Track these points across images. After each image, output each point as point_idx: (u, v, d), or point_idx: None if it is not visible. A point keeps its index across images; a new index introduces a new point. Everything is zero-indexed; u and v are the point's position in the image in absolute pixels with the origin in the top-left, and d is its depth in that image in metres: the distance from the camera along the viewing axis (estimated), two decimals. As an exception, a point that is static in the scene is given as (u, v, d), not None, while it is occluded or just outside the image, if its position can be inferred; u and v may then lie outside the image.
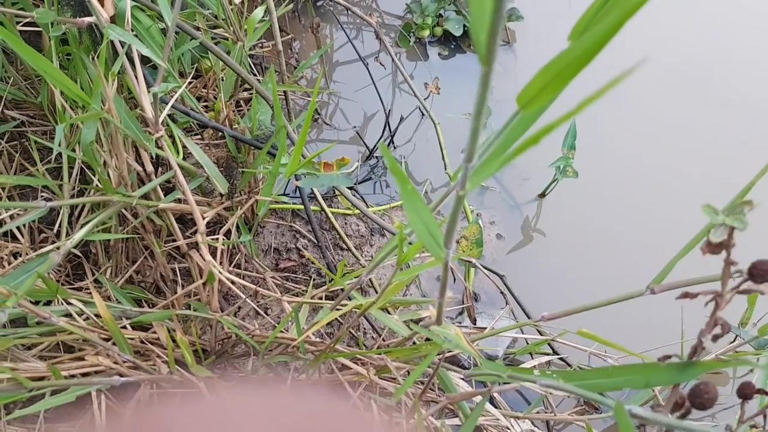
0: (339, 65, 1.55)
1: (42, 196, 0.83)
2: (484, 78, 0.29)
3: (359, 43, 1.59)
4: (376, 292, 1.10)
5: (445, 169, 1.28)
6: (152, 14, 0.80)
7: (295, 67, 1.48)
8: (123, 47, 0.69)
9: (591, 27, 0.36)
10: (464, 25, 1.55)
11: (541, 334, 0.93)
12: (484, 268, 1.06)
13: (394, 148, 1.39)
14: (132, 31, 0.72)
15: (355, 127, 1.42)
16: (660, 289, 0.59)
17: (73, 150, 0.80)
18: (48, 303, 0.71)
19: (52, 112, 0.87)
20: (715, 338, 0.45)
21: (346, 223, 1.19)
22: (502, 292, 1.06)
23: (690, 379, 0.44)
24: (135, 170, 0.81)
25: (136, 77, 0.71)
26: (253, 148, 0.90)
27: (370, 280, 1.08)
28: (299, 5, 1.41)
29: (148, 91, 0.73)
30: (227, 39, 0.93)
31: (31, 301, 0.62)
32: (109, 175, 0.79)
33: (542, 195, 1.30)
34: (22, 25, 0.96)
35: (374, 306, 0.67)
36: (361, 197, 1.28)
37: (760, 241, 0.77)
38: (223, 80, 0.90)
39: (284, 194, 1.20)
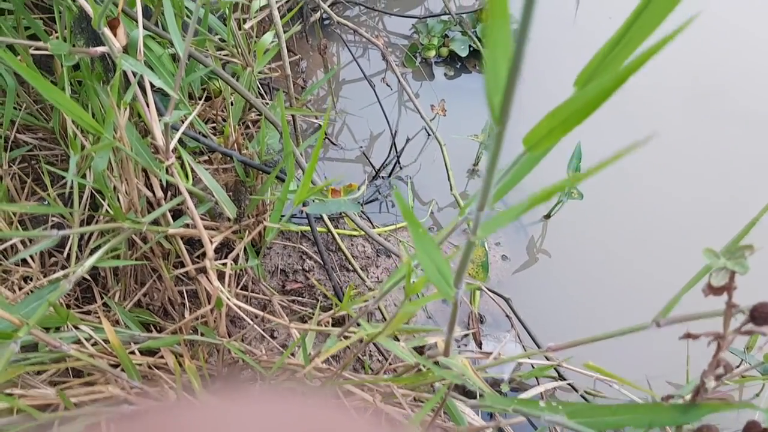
0: (345, 83, 1.57)
1: (53, 221, 0.84)
2: (498, 137, 0.30)
3: (365, 60, 1.61)
4: (383, 315, 1.10)
5: (451, 190, 1.28)
6: (163, 42, 0.81)
7: (303, 87, 1.49)
8: (135, 76, 0.70)
9: (597, 75, 0.37)
10: (470, 46, 1.56)
11: (547, 359, 0.93)
12: (490, 290, 1.06)
13: (400, 168, 1.40)
14: (143, 59, 0.73)
15: (361, 147, 1.44)
16: (666, 323, 0.59)
17: (84, 176, 0.81)
18: (58, 329, 0.71)
19: (63, 136, 0.88)
20: (718, 378, 0.45)
21: (352, 245, 1.19)
22: (507, 316, 1.06)
23: (693, 421, 0.44)
24: (145, 195, 0.82)
25: (147, 105, 0.72)
26: (261, 171, 0.91)
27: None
28: (307, 26, 1.42)
29: (159, 119, 0.74)
30: (236, 63, 0.94)
31: (41, 328, 0.63)
32: (119, 201, 0.80)
33: (547, 216, 1.31)
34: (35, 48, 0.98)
35: (381, 335, 0.67)
36: (367, 218, 1.28)
37: (765, 278, 0.78)
38: (232, 104, 0.91)
39: (292, 216, 1.20)
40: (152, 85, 0.73)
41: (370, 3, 1.73)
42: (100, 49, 0.70)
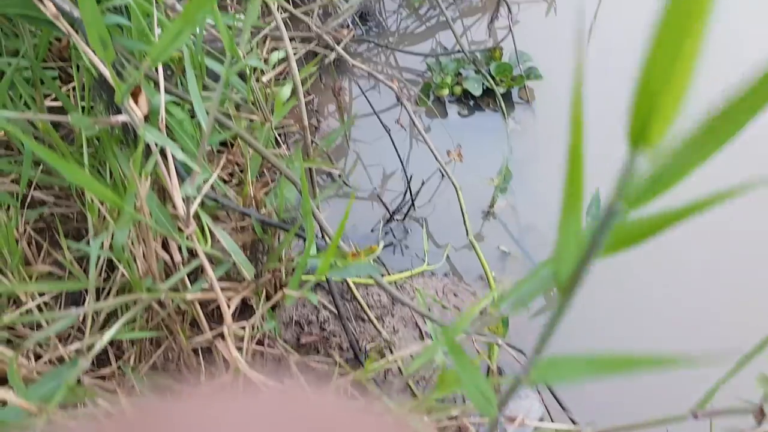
0: (357, 118, 1.56)
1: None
2: (561, 305, 0.28)
3: (376, 93, 1.59)
4: (399, 368, 1.08)
5: (467, 235, 1.27)
6: (184, 104, 0.80)
7: (316, 127, 1.49)
8: (156, 146, 0.69)
9: (648, 196, 0.36)
10: (483, 84, 1.55)
11: (573, 423, 0.91)
12: (509, 345, 1.04)
13: (414, 209, 1.38)
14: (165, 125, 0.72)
15: (375, 188, 1.42)
16: (703, 415, 0.57)
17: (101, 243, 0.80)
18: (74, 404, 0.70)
19: (79, 194, 0.87)
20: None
21: (367, 293, 1.17)
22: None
23: None
24: (162, 259, 0.80)
25: (168, 174, 0.71)
26: (280, 229, 0.89)
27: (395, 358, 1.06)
28: (321, 67, 1.41)
29: (180, 185, 0.73)
30: (254, 119, 0.93)
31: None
32: (136, 264, 0.78)
33: (565, 262, 1.29)
34: (52, 99, 0.97)
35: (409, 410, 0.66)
36: (382, 263, 1.27)
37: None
38: (251, 159, 0.90)
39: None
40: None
41: (382, 35, 1.73)
42: (121, 118, 0.69)
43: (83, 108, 0.87)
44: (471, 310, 0.60)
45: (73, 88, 0.95)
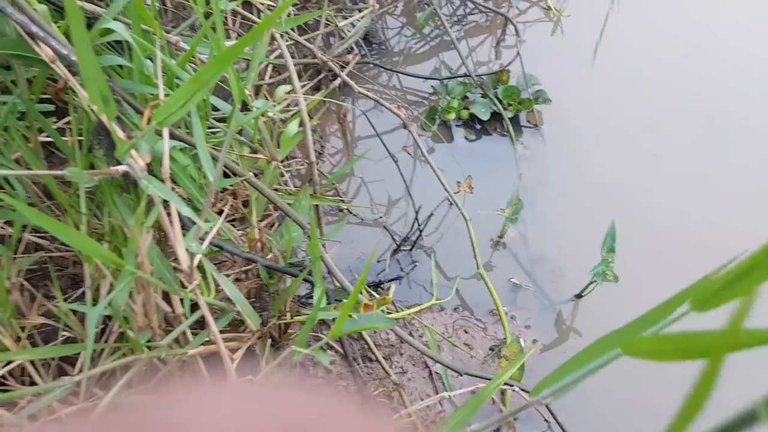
0: (360, 139, 1.51)
1: (63, 336, 0.78)
2: None
3: (379, 112, 1.55)
4: (403, 399, 1.04)
5: (478, 268, 1.22)
6: (187, 149, 0.76)
7: (319, 153, 1.44)
8: (159, 198, 0.65)
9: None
10: (491, 108, 1.52)
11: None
12: (523, 390, 0.99)
13: (422, 239, 1.34)
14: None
15: (380, 217, 1.38)
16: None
17: (97, 291, 0.76)
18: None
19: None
20: None
21: (374, 332, 1.13)
22: (546, 420, 1.00)
23: None
24: (163, 311, 0.76)
25: (171, 224, 0.67)
26: (287, 275, 0.85)
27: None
28: (325, 95, 1.37)
29: (184, 236, 0.68)
30: (260, 158, 0.89)
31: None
32: (135, 319, 0.74)
33: (579, 296, 1.25)
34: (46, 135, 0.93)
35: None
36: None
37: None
38: (256, 199, 0.86)
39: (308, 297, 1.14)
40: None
41: (385, 56, 1.69)
42: (122, 169, 0.65)
43: (80, 144, 0.82)
44: (483, 394, 0.56)
45: (69, 127, 0.91)
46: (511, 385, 0.88)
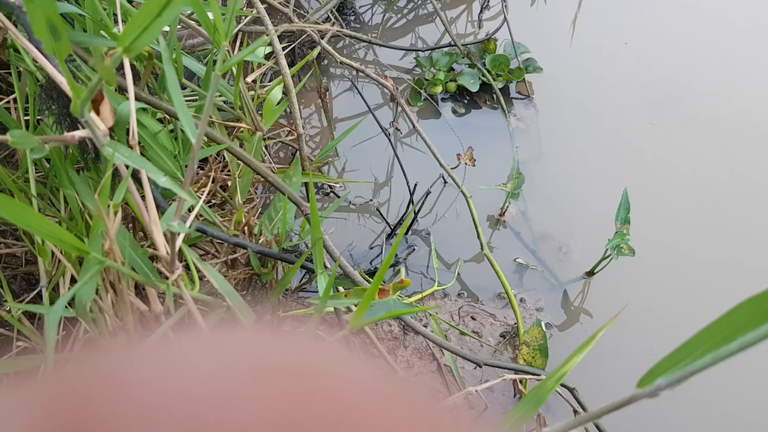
0: (340, 121, 1.40)
1: (18, 347, 0.65)
2: None
3: (358, 92, 1.43)
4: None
5: (482, 249, 1.12)
6: (154, 112, 0.63)
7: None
8: (128, 169, 0.52)
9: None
10: (480, 79, 1.41)
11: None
12: (562, 385, 0.89)
13: (417, 222, 1.24)
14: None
15: (371, 200, 1.27)
16: None
17: (56, 286, 0.63)
18: None
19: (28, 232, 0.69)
20: None
21: (377, 324, 1.02)
22: (575, 411, 0.90)
23: None
24: (138, 310, 0.63)
25: (145, 204, 0.54)
26: (283, 261, 0.73)
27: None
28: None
29: (160, 218, 0.56)
30: (242, 128, 0.76)
31: None
32: (105, 320, 0.61)
33: (590, 273, 1.16)
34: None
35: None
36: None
37: None
38: (239, 177, 0.74)
39: (302, 289, 1.02)
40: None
41: (362, 30, 1.58)
42: (79, 134, 0.52)
43: (27, 124, 0.69)
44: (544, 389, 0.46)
45: (14, 100, 0.76)
46: (563, 381, 0.78)
